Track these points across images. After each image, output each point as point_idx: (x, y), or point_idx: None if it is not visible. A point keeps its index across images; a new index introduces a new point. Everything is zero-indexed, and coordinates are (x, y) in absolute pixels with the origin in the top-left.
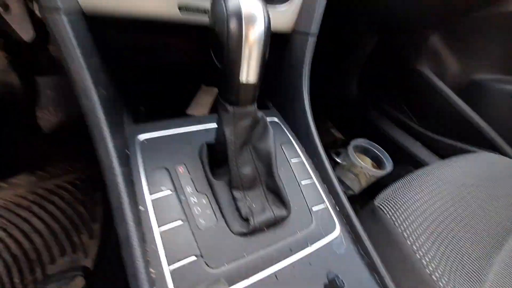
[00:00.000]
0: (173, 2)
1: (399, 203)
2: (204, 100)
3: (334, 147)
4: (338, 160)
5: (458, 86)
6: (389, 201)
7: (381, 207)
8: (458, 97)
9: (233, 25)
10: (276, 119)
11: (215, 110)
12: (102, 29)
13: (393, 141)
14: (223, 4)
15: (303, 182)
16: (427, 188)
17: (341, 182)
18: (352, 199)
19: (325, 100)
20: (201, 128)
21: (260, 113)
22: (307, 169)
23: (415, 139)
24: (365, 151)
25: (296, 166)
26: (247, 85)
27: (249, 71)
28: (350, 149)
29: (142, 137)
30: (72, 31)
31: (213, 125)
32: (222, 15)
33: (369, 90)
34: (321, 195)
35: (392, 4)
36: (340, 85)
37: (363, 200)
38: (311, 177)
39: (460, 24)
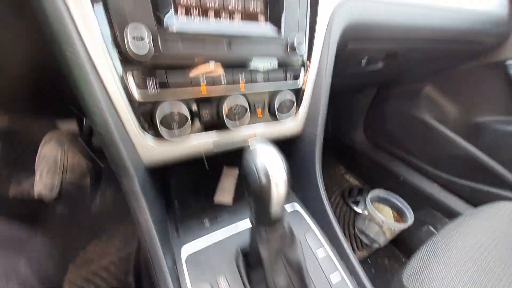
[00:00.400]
0: (210, 146)
1: (426, 280)
2: (228, 184)
3: (351, 196)
4: (357, 210)
5: (462, 129)
6: (416, 279)
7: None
8: (464, 140)
9: (263, 180)
10: (296, 206)
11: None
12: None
13: (408, 184)
14: (253, 166)
15: (332, 278)
16: (452, 257)
17: (365, 235)
18: (378, 251)
19: (335, 146)
20: (233, 233)
21: (286, 224)
22: (334, 262)
23: (430, 180)
24: (385, 200)
25: (323, 261)
26: (276, 215)
27: (277, 207)
28: (369, 202)
29: (185, 252)
30: (138, 184)
31: (243, 223)
32: (253, 172)
33: (376, 135)
34: None
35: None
36: (347, 130)
37: (389, 251)
38: (338, 270)
39: (450, 75)
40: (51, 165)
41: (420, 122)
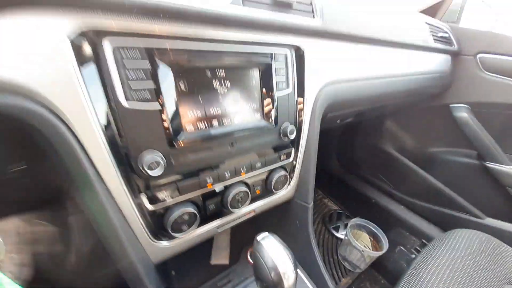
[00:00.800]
0: (215, 230)
1: None
2: (223, 242)
3: (330, 221)
4: (338, 236)
5: (418, 158)
6: None
7: None
8: (420, 168)
9: (273, 277)
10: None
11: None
12: None
13: (379, 206)
14: (263, 262)
15: None
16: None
17: (348, 262)
18: (360, 275)
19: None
20: None
21: None
22: None
23: (398, 203)
24: (362, 227)
25: None
26: None
27: None
28: (349, 233)
29: None
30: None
31: None
32: (264, 269)
33: (348, 161)
34: None
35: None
36: (322, 157)
37: (369, 274)
38: None
39: (406, 113)
40: (14, 239)
41: (383, 152)
